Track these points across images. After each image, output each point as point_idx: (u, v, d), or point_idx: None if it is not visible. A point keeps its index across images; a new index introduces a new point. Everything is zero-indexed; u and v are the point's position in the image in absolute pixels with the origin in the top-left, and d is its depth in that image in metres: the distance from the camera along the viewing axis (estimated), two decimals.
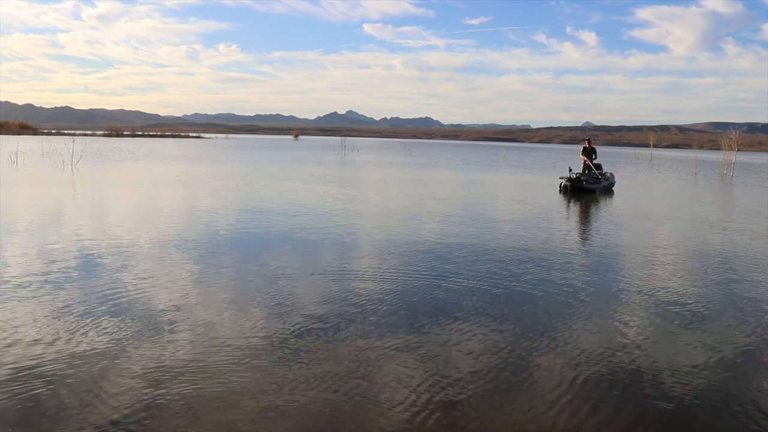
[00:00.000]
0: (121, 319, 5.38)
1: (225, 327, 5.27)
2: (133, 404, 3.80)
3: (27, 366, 4.32)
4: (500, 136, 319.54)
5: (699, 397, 4.12)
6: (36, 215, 11.86)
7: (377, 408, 3.85)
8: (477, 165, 39.50)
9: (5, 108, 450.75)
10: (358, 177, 25.56)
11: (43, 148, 41.52)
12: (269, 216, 12.34)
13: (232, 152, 50.89)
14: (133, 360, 4.48)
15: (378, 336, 5.12)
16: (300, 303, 6.04)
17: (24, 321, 5.27)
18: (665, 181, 28.47)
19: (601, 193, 19.25)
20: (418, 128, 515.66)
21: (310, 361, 4.54)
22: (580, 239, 10.80)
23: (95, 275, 6.95)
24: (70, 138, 43.32)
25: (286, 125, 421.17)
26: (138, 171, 25.14)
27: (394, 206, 14.73)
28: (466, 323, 5.52)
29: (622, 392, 4.17)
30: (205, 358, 4.56)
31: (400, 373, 4.37)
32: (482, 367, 4.51)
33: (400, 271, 7.57)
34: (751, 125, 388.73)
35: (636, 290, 6.91)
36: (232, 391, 4.02)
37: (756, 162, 64.89)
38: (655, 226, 12.54)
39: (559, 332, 5.36)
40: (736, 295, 6.81)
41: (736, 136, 39.02)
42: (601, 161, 22.01)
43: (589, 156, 20.43)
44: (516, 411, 3.87)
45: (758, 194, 21.89)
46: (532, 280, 7.27)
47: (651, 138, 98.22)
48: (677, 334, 5.44)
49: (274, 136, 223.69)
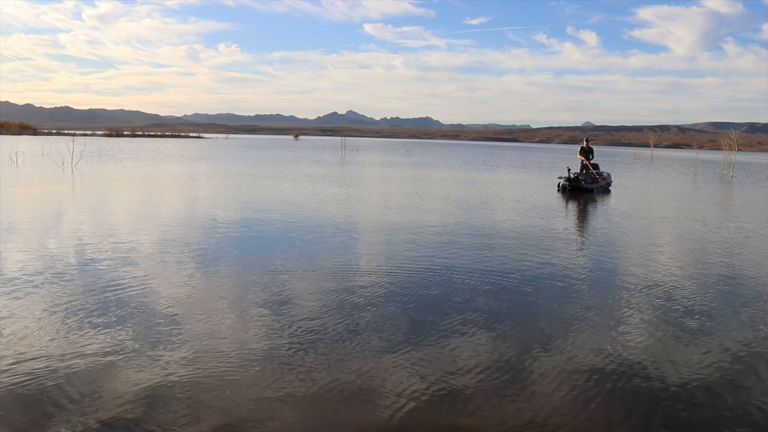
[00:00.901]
0: (121, 320, 5.40)
1: (225, 325, 5.29)
2: (135, 404, 3.82)
3: (26, 366, 4.34)
4: (500, 136, 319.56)
5: (702, 395, 4.15)
6: (35, 215, 11.88)
7: (378, 405, 3.87)
8: (477, 165, 39.47)
9: (5, 108, 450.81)
10: (358, 176, 25.55)
11: (43, 148, 41.54)
12: (269, 214, 12.35)
13: (232, 152, 50.88)
14: (133, 359, 4.51)
15: (378, 333, 5.14)
16: (300, 301, 6.06)
17: (24, 321, 5.29)
18: (663, 181, 28.46)
19: (599, 193, 19.33)
20: (418, 128, 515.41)
21: (310, 359, 4.56)
22: (582, 237, 10.82)
23: (95, 275, 6.98)
24: (69, 138, 43.34)
25: (286, 125, 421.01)
26: (137, 171, 25.15)
27: (392, 204, 14.75)
28: (466, 323, 5.54)
29: (623, 392, 4.20)
30: (205, 356, 4.58)
31: (401, 371, 4.39)
32: (483, 365, 4.53)
33: (400, 268, 7.59)
34: (752, 125, 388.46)
35: (636, 289, 6.94)
36: (233, 389, 4.05)
37: (756, 162, 64.86)
38: (654, 225, 12.55)
39: (560, 331, 5.38)
40: (734, 292, 6.84)
41: (736, 136, 39.01)
42: (602, 161, 22.13)
43: (587, 156, 20.55)
44: (518, 409, 3.88)
45: (758, 194, 21.90)
46: (530, 278, 7.29)
47: (651, 138, 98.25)
48: (679, 332, 5.46)
49: (274, 136, 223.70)
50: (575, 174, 19.86)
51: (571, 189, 19.11)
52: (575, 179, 19.42)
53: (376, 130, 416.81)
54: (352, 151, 58.69)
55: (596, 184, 19.68)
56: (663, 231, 11.69)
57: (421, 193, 18.40)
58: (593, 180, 19.78)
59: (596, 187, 19.54)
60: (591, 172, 20.15)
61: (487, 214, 13.69)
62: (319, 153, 52.74)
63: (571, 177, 19.54)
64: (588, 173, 20.09)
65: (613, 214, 14.16)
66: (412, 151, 67.13)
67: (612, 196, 18.63)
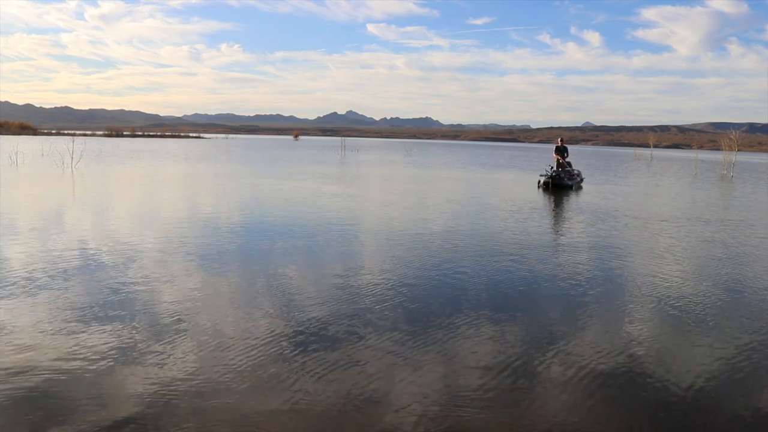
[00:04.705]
0: (120, 319, 5.38)
1: (229, 326, 5.26)
2: (136, 404, 3.80)
3: (26, 366, 4.32)
4: (500, 137, 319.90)
5: (706, 396, 4.13)
6: (35, 215, 11.85)
7: (382, 407, 3.85)
8: (476, 165, 39.48)
9: (5, 108, 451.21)
10: (358, 176, 25.55)
11: (43, 148, 41.56)
12: (270, 214, 12.34)
13: (232, 152, 50.88)
14: (135, 360, 4.49)
15: (381, 334, 5.12)
16: (303, 302, 6.04)
17: (24, 321, 5.27)
18: (663, 181, 28.45)
19: (576, 188, 20.63)
20: (418, 128, 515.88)
21: (315, 362, 4.54)
22: (583, 237, 10.79)
23: (95, 275, 6.95)
24: (69, 138, 43.34)
25: (286, 125, 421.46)
26: (137, 171, 25.12)
27: (392, 202, 14.73)
28: (467, 322, 5.52)
29: (626, 392, 4.17)
30: (209, 357, 4.56)
31: (404, 373, 4.37)
32: (487, 365, 4.51)
33: (401, 267, 7.57)
34: (752, 125, 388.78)
35: (637, 287, 6.91)
36: (238, 391, 4.02)
37: (756, 162, 64.90)
38: (654, 225, 12.53)
39: (564, 332, 5.36)
40: (736, 290, 6.82)
41: (736, 136, 38.99)
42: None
43: (562, 154, 21.58)
44: (521, 411, 3.86)
45: (758, 193, 21.89)
46: (530, 277, 7.28)
47: (651, 138, 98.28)
48: (685, 333, 5.44)
49: (274, 136, 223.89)
50: (555, 172, 21.07)
51: (554, 186, 20.37)
52: (557, 176, 20.69)
53: (376, 131, 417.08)
54: (352, 151, 58.71)
55: (574, 180, 21.01)
56: (663, 231, 11.65)
57: (423, 193, 18.37)
58: (571, 176, 21.05)
59: (574, 183, 20.94)
60: (567, 170, 21.34)
61: (482, 210, 13.65)
62: (320, 153, 52.75)
63: (552, 175, 20.85)
64: (565, 170, 21.27)
65: (615, 214, 14.12)
66: (411, 152, 67.18)
67: (615, 197, 18.62)
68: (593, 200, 17.24)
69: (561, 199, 17.43)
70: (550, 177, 20.66)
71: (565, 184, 20.47)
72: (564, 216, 14.02)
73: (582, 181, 22.19)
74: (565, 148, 21.69)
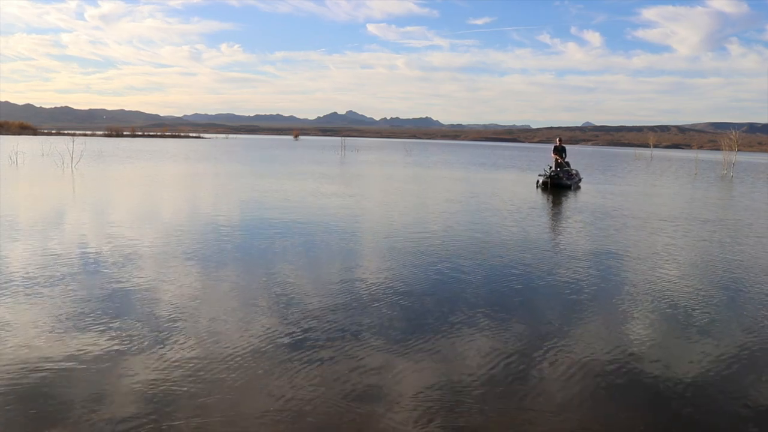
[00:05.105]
0: (120, 319, 5.40)
1: (228, 325, 5.29)
2: (137, 406, 3.82)
3: (25, 365, 4.34)
4: (500, 137, 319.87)
5: (706, 395, 4.15)
6: (35, 215, 11.87)
7: (381, 407, 3.87)
8: (475, 165, 39.48)
9: (5, 108, 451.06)
10: (358, 176, 25.55)
11: (43, 148, 41.56)
12: (270, 213, 12.36)
13: (232, 152, 50.88)
14: (135, 359, 4.51)
15: (381, 334, 5.15)
16: (302, 301, 6.06)
17: (25, 321, 5.29)
18: (663, 181, 28.46)
19: (575, 188, 20.67)
20: (418, 128, 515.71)
21: (314, 360, 4.56)
22: (581, 236, 10.81)
23: (95, 275, 6.98)
24: (69, 138, 43.36)
25: (286, 125, 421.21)
26: (137, 171, 25.13)
27: (391, 201, 14.75)
28: (465, 321, 5.55)
29: (626, 391, 4.19)
30: (209, 356, 4.58)
31: (404, 372, 4.39)
32: (486, 365, 4.54)
33: (400, 266, 7.59)
34: (752, 125, 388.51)
35: (636, 287, 6.94)
36: (238, 390, 4.04)
37: (756, 162, 64.89)
38: (653, 224, 12.55)
39: (560, 330, 5.38)
40: (736, 290, 6.84)
41: (736, 136, 38.98)
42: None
43: (560, 154, 21.69)
44: (520, 410, 3.88)
45: (757, 193, 21.90)
46: (530, 278, 7.30)
47: (651, 138, 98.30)
48: (684, 331, 5.46)
49: (274, 136, 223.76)
50: (554, 171, 21.10)
51: (553, 185, 20.40)
52: (556, 176, 20.75)
53: (376, 130, 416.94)
54: (352, 151, 58.71)
55: (572, 180, 21.11)
56: (662, 230, 11.67)
57: (424, 193, 18.39)
58: (569, 176, 21.15)
59: (573, 182, 21.02)
60: (566, 169, 21.43)
61: (481, 209, 13.67)
62: (319, 153, 52.75)
63: (551, 174, 20.88)
64: (564, 170, 21.34)
65: (612, 215, 14.14)
66: (411, 151, 67.18)
67: (615, 196, 18.64)
68: (592, 200, 17.27)
69: (560, 199, 17.44)
70: (549, 177, 20.72)
71: (563, 183, 20.58)
72: (562, 215, 14.05)
73: (580, 181, 22.34)
74: (563, 148, 21.81)
